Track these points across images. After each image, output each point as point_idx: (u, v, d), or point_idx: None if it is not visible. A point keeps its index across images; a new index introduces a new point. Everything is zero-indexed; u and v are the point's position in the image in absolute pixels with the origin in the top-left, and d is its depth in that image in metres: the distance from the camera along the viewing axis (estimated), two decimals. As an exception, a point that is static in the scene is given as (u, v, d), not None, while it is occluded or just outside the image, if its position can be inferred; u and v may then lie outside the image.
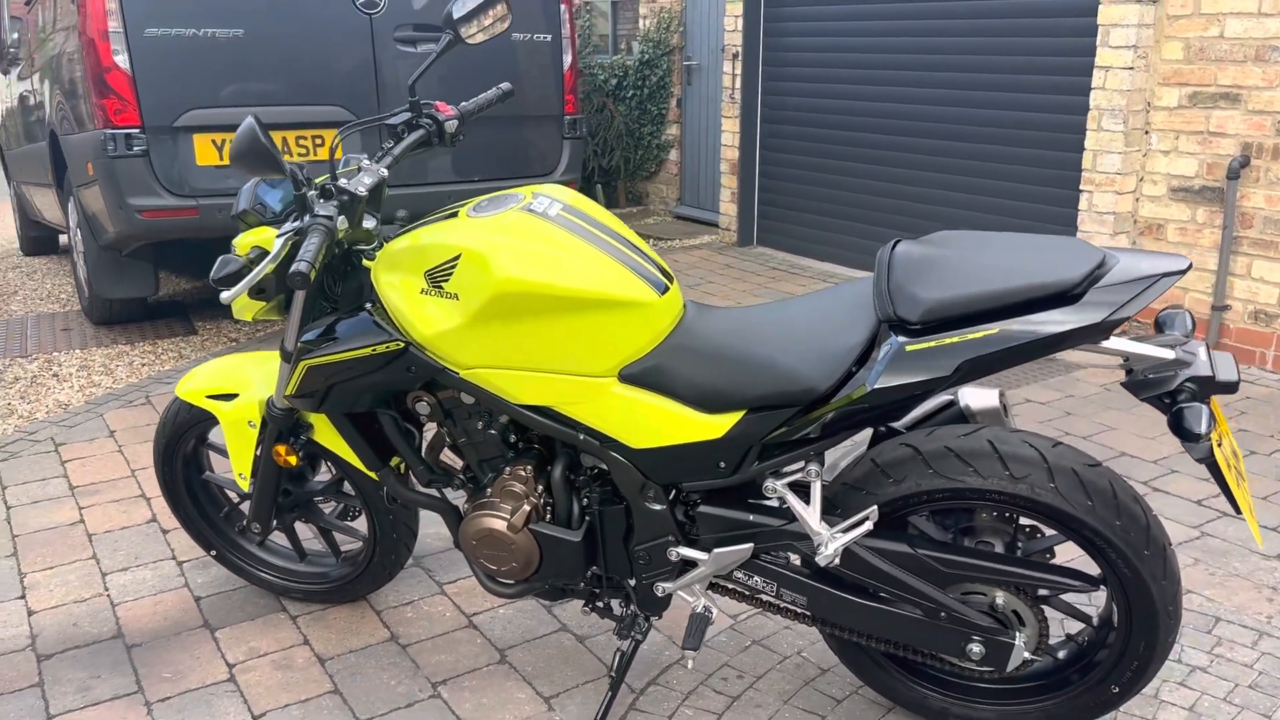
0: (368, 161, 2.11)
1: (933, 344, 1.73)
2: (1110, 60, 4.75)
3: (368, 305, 2.08)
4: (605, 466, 2.05)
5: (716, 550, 2.01)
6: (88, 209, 4.68)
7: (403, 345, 2.00)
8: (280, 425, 2.30)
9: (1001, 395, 2.01)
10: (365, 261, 2.15)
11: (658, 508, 2.02)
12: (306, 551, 2.70)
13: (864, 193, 6.31)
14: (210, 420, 2.49)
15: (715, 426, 1.90)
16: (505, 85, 2.41)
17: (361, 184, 2.01)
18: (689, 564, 2.07)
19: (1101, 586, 1.93)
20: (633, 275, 1.94)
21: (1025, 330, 1.69)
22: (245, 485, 2.43)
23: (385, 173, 2.09)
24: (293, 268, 1.72)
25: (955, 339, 1.72)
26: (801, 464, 1.93)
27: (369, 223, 2.15)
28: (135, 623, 2.60)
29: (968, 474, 1.84)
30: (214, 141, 4.41)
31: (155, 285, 5.00)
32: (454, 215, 2.06)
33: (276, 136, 4.53)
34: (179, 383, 2.49)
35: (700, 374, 1.91)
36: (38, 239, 7.48)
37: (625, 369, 1.94)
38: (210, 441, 2.63)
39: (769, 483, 1.95)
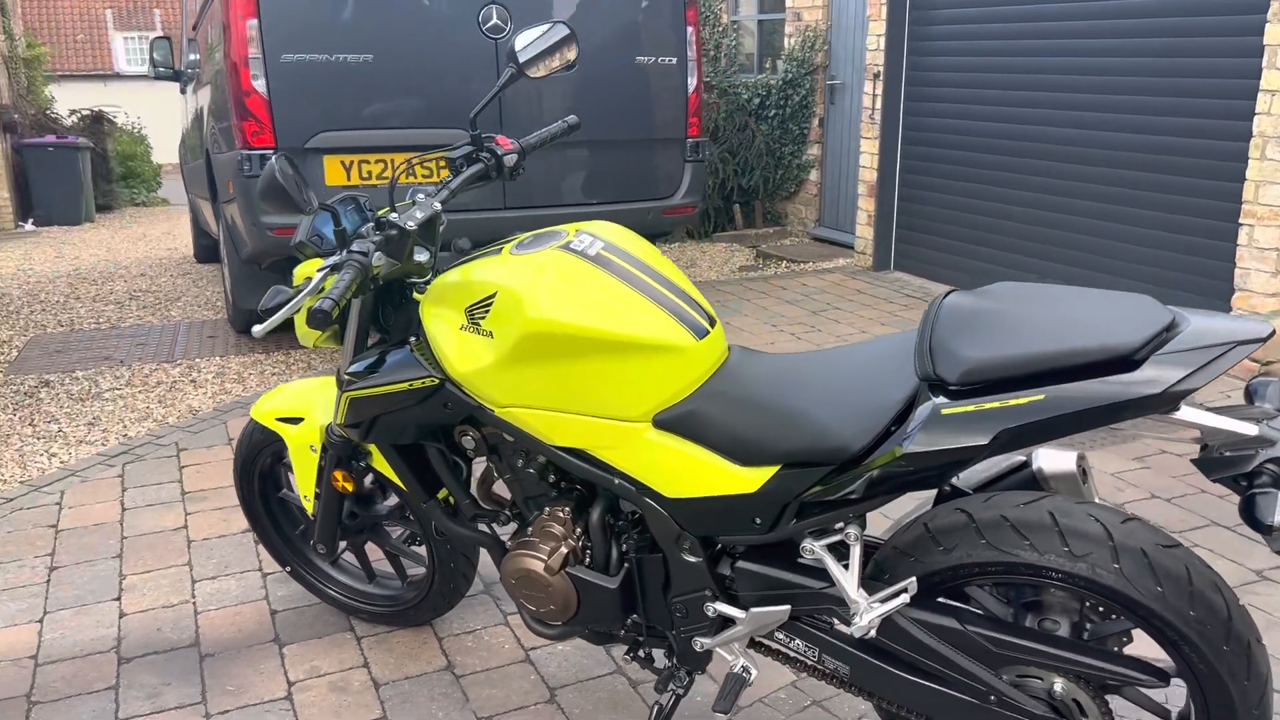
0: (422, 196, 2.12)
1: (970, 409, 1.59)
2: (1277, 83, 4.34)
3: (412, 339, 2.09)
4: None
5: (754, 610, 1.92)
6: (230, 224, 4.94)
7: (438, 381, 1.99)
8: (339, 451, 2.34)
9: (1081, 459, 1.84)
10: (416, 294, 2.16)
11: (693, 560, 1.94)
12: (376, 573, 2.74)
13: (1005, 219, 6.00)
14: (284, 440, 2.56)
15: (750, 480, 1.81)
16: (572, 119, 2.39)
17: (412, 218, 2.02)
18: (728, 621, 1.98)
19: (1175, 681, 1.73)
20: (670, 318, 1.87)
21: (1074, 398, 1.53)
22: (310, 507, 2.48)
23: (438, 207, 2.09)
24: (314, 305, 1.73)
25: (995, 404, 1.57)
26: (841, 524, 1.81)
27: (422, 255, 2.15)
28: (212, 632, 2.70)
29: (1023, 547, 1.68)
30: (343, 163, 4.57)
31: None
32: (499, 251, 2.04)
33: (399, 159, 4.66)
34: (255, 403, 2.57)
35: (735, 424, 1.82)
36: (207, 247, 7.97)
37: (660, 414, 1.87)
38: (286, 460, 2.70)
39: (807, 543, 1.84)
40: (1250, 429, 1.54)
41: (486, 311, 1.92)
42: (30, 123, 14.41)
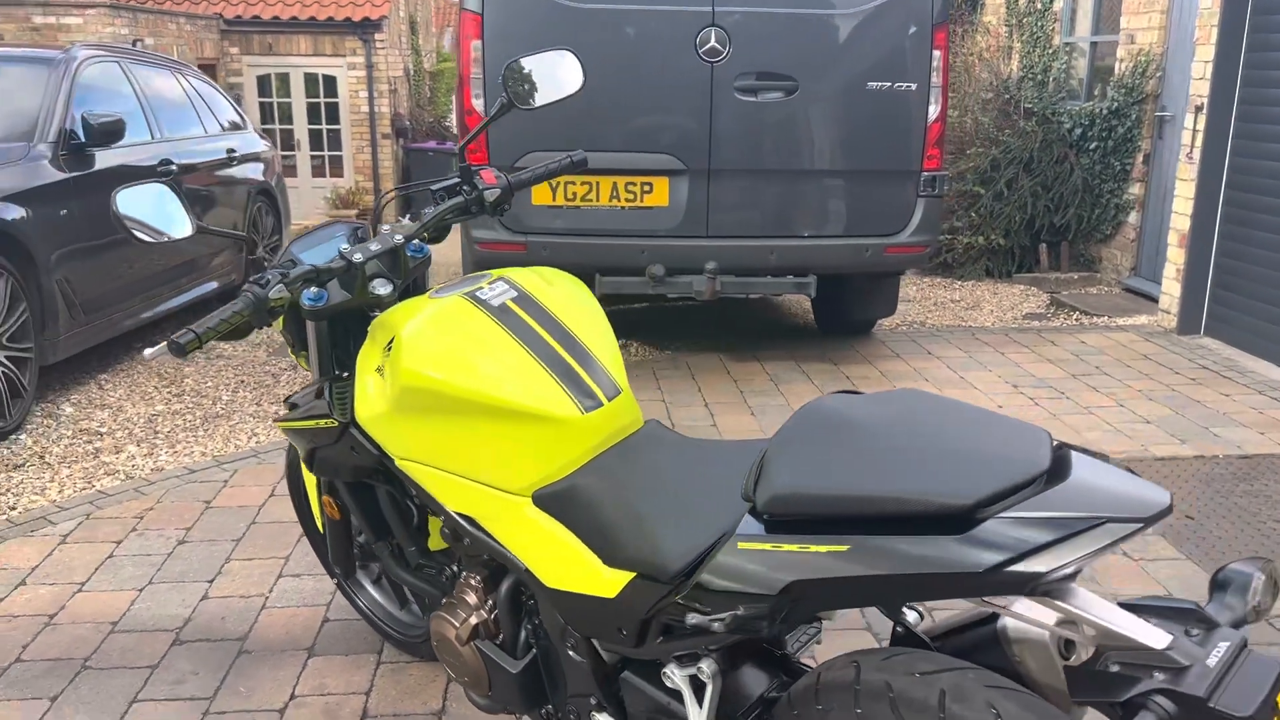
0: (387, 229, 2.04)
1: (766, 547, 1.24)
2: None
3: (345, 374, 2.01)
4: None
5: None
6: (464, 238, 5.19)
7: (339, 424, 1.90)
8: (320, 478, 2.32)
9: (1069, 624, 1.38)
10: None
11: (578, 659, 1.71)
12: (409, 599, 2.71)
13: (1340, 287, 4.89)
14: None
15: (610, 583, 1.56)
16: (578, 154, 2.21)
17: (364, 251, 1.95)
18: (618, 735, 1.72)
19: None
20: (556, 385, 1.65)
21: (879, 558, 1.14)
22: (320, 526, 2.50)
23: (399, 240, 1.99)
24: (174, 336, 1.70)
25: (793, 548, 1.22)
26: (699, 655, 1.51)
27: (384, 288, 2.07)
28: (263, 629, 2.80)
29: None
30: (550, 184, 4.63)
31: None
32: (432, 291, 1.92)
33: (606, 182, 4.64)
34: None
35: (598, 516, 1.58)
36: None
37: (539, 491, 1.66)
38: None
39: (669, 668, 1.55)
40: (1159, 640, 1.07)
41: (389, 354, 1.81)
42: (425, 130, 16.25)
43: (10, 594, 2.99)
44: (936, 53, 4.69)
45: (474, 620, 1.87)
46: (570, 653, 1.71)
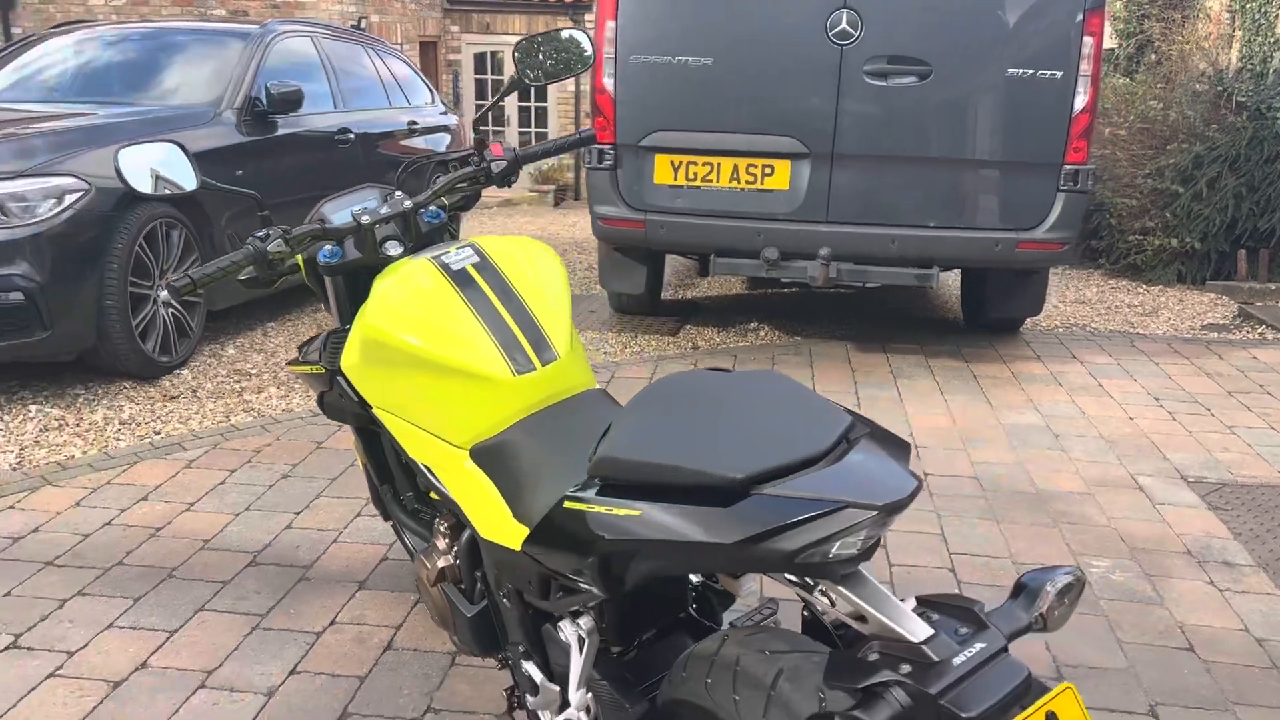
0: (399, 194, 2.17)
1: (583, 507, 1.29)
2: None
3: (349, 326, 2.17)
4: None
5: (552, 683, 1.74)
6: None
7: (326, 371, 2.06)
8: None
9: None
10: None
11: (510, 608, 1.81)
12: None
13: None
14: None
15: (516, 537, 1.65)
16: (587, 130, 2.27)
17: (373, 214, 2.08)
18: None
19: None
20: (493, 347, 1.75)
21: (656, 525, 1.17)
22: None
23: (408, 205, 2.11)
24: (172, 278, 1.89)
25: (601, 509, 1.26)
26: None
27: (395, 249, 2.20)
28: (329, 561, 3.06)
29: (722, 707, 1.34)
30: (672, 163, 4.70)
31: (643, 285, 5.50)
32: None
33: (727, 163, 4.66)
34: None
35: (510, 471, 1.67)
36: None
37: (475, 445, 1.77)
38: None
39: (561, 622, 1.63)
40: (918, 633, 1.06)
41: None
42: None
43: (132, 506, 3.38)
44: (1089, 39, 4.42)
45: (441, 564, 2.00)
46: (504, 601, 1.81)
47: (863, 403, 4.50)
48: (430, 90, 8.10)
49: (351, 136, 6.31)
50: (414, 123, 7.27)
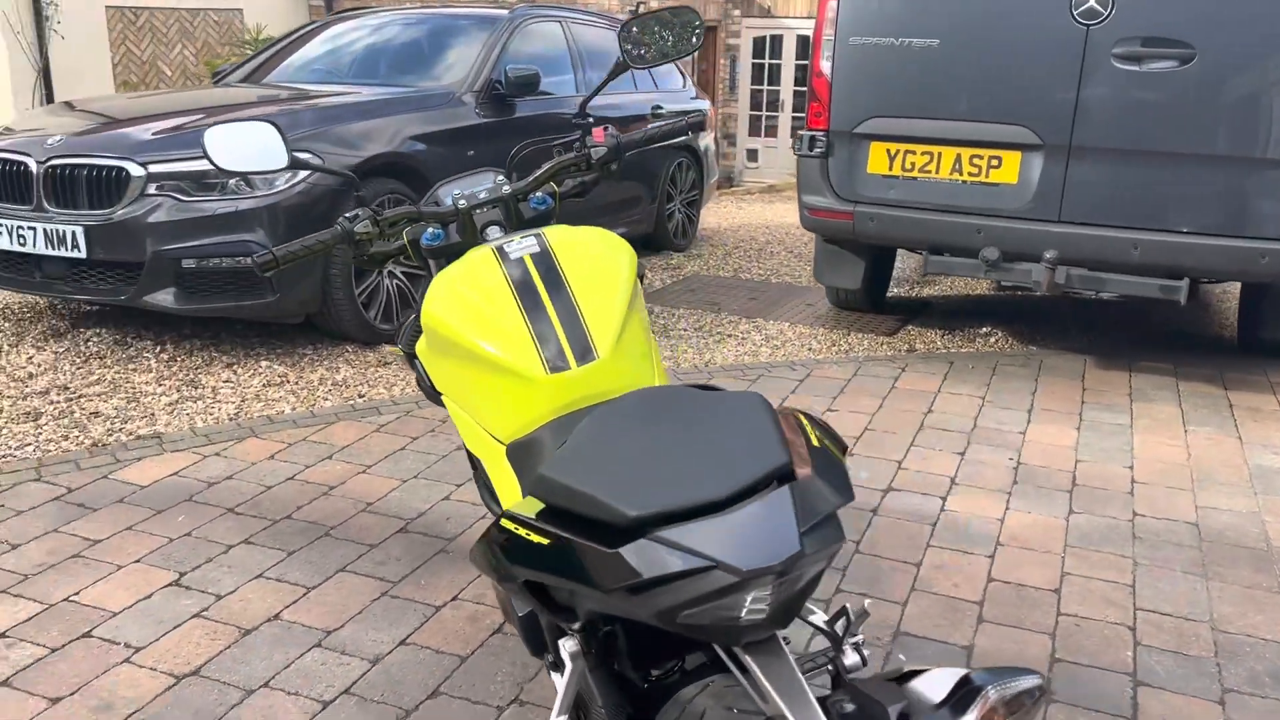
0: (500, 178, 2.13)
1: (511, 526, 1.17)
2: None
3: None
4: None
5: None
6: (805, 199, 5.13)
7: (406, 354, 2.05)
8: None
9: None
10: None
11: (539, 615, 1.74)
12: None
13: None
14: None
15: (530, 545, 1.57)
16: (696, 117, 2.11)
17: (469, 199, 2.06)
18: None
19: None
20: (529, 343, 1.66)
21: (558, 559, 1.05)
22: None
23: (506, 191, 2.07)
24: (257, 255, 1.94)
25: (522, 532, 1.14)
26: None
27: (495, 233, 2.16)
28: (470, 536, 3.11)
29: None
30: (888, 151, 4.40)
31: (859, 280, 5.22)
32: None
33: (949, 152, 4.30)
34: None
35: (527, 473, 1.58)
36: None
37: (511, 442, 1.70)
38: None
39: (563, 639, 1.53)
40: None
41: None
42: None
43: (317, 464, 3.60)
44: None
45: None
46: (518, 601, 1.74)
47: (1084, 426, 4.03)
48: (682, 75, 8.11)
49: (590, 120, 6.43)
50: (658, 107, 7.30)
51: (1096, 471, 3.63)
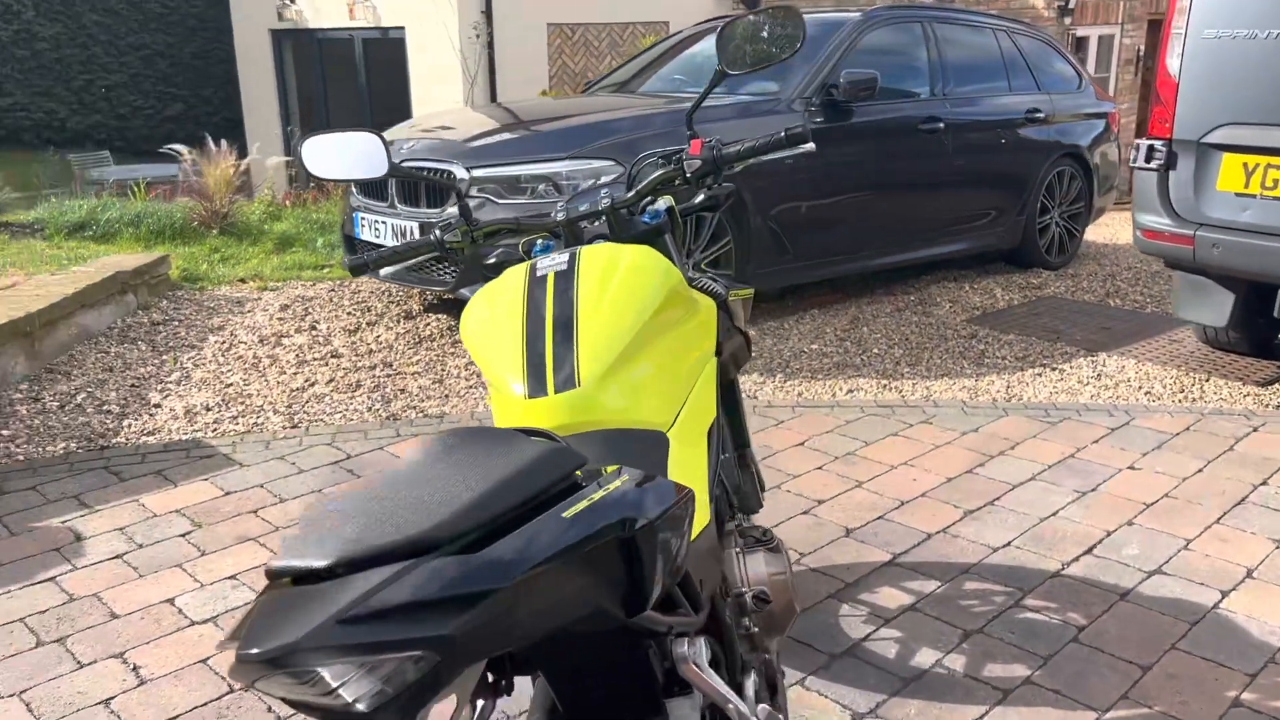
0: (605, 190, 2.06)
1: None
2: None
3: None
4: None
5: None
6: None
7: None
8: None
9: None
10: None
11: None
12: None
13: None
14: None
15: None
16: (795, 129, 1.87)
17: (572, 210, 2.02)
18: None
19: None
20: (519, 366, 1.60)
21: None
22: None
23: (604, 204, 2.00)
24: (352, 257, 2.01)
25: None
26: None
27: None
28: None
29: None
30: (1245, 164, 3.63)
31: (1225, 316, 4.37)
32: None
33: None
34: None
35: None
36: None
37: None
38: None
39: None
40: None
41: None
42: None
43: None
44: None
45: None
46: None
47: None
48: (1079, 75, 7.31)
49: (940, 126, 6.01)
50: (1035, 110, 6.65)
51: None
